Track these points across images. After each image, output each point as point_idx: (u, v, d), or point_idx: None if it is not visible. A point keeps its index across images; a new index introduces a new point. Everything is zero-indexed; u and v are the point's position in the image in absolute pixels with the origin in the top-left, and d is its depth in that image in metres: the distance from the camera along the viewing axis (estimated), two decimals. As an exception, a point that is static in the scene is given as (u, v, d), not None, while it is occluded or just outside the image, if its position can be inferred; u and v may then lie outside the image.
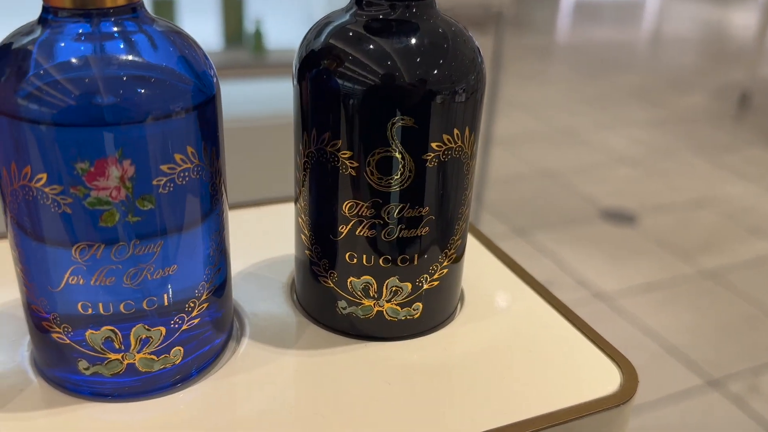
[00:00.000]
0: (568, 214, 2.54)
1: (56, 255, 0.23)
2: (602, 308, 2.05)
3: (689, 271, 2.23)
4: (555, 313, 0.32)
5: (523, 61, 4.08)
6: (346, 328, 0.30)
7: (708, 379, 1.78)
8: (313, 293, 0.31)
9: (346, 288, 0.29)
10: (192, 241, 0.25)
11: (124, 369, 0.25)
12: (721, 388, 1.73)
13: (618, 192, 2.73)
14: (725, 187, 2.84)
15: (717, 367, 1.83)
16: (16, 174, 0.22)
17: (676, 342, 1.91)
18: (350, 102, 0.26)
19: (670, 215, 2.58)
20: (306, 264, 0.30)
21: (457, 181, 0.28)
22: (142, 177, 0.23)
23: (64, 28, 0.23)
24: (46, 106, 0.21)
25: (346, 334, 0.30)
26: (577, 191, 2.69)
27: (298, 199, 0.30)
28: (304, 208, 0.29)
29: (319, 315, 0.31)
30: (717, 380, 1.76)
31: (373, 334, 0.30)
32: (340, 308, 0.30)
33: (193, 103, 0.23)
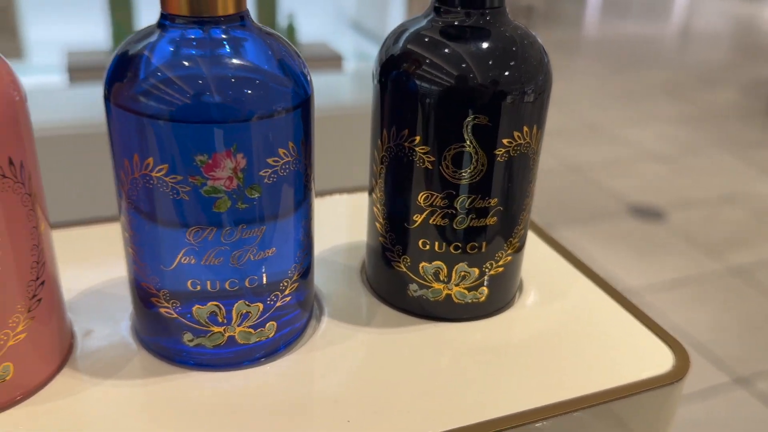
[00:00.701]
0: (595, 209, 2.54)
1: (171, 237, 0.26)
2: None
3: (717, 268, 2.23)
4: (609, 299, 0.34)
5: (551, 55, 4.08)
6: (415, 309, 0.33)
7: (735, 376, 1.78)
8: (385, 277, 0.33)
9: (418, 272, 0.32)
10: (287, 226, 0.28)
11: (224, 341, 0.28)
12: (749, 386, 1.73)
13: (646, 188, 2.72)
14: (754, 184, 2.82)
15: (744, 364, 1.83)
16: (138, 164, 0.25)
17: (703, 339, 1.91)
18: (429, 102, 0.28)
19: (699, 211, 2.57)
20: (379, 250, 0.33)
21: (524, 175, 0.30)
22: (252, 169, 0.25)
23: (178, 33, 0.25)
24: (168, 104, 0.24)
25: (415, 314, 0.33)
26: (605, 187, 2.69)
27: (374, 189, 0.32)
28: (380, 198, 0.32)
29: (390, 297, 0.33)
30: (744, 378, 1.76)
31: (440, 315, 0.32)
32: (411, 291, 0.32)
33: (293, 103, 0.26)
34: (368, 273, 0.35)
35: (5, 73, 0.25)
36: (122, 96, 0.25)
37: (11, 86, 0.25)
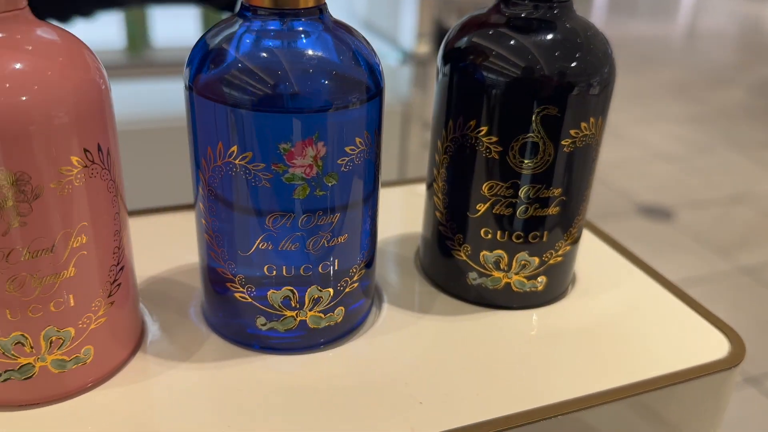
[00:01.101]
0: (604, 209, 2.55)
1: (250, 223, 0.27)
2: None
3: (726, 268, 2.23)
4: (663, 290, 0.35)
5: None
6: (474, 297, 0.33)
7: (745, 375, 1.78)
8: (444, 266, 0.34)
9: (479, 261, 0.32)
10: (358, 214, 0.28)
11: (296, 325, 0.29)
12: (759, 385, 1.73)
13: (655, 187, 2.73)
14: (763, 184, 2.82)
15: (754, 363, 1.83)
16: (221, 153, 0.26)
17: (714, 337, 1.91)
18: (497, 93, 0.29)
19: (708, 211, 2.58)
20: (437, 239, 0.34)
21: (587, 165, 0.31)
22: (331, 157, 0.26)
23: (260, 24, 0.26)
24: (252, 95, 0.25)
25: (474, 302, 0.33)
26: (614, 186, 2.69)
27: (435, 180, 0.33)
28: (442, 188, 0.32)
29: (448, 285, 0.34)
30: (755, 377, 1.76)
31: (499, 303, 0.33)
32: (470, 279, 0.33)
33: (369, 94, 0.27)
34: (424, 262, 0.36)
35: (92, 61, 0.25)
36: (207, 86, 0.26)
37: (98, 74, 0.25)
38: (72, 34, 0.26)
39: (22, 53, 0.23)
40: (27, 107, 0.23)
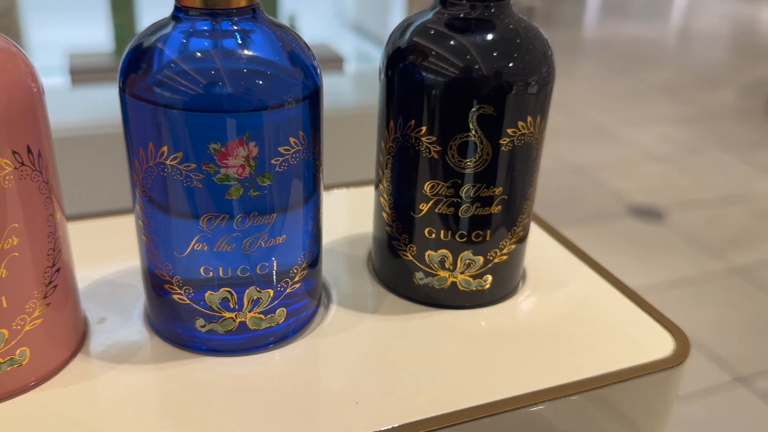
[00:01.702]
0: (596, 210, 2.55)
1: (184, 225, 0.27)
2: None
3: (718, 268, 2.23)
4: (611, 287, 0.35)
5: (550, 57, 4.08)
6: (421, 297, 0.33)
7: (736, 375, 1.78)
8: (391, 266, 0.34)
9: (424, 261, 0.32)
10: (297, 215, 0.28)
11: (236, 327, 0.29)
12: (750, 385, 1.74)
13: (647, 188, 2.73)
14: (755, 184, 2.83)
15: (745, 363, 1.83)
16: (153, 153, 0.26)
17: (704, 338, 1.91)
18: (435, 93, 0.29)
19: (699, 212, 2.58)
20: (385, 239, 0.34)
21: (528, 164, 0.31)
22: (263, 157, 0.26)
23: (191, 25, 0.26)
24: (182, 94, 0.25)
25: (421, 302, 0.33)
26: (606, 187, 2.69)
27: (381, 181, 0.33)
28: (387, 188, 0.32)
29: (396, 285, 0.34)
30: (745, 377, 1.77)
31: (445, 302, 0.33)
32: (417, 279, 0.33)
33: (303, 93, 0.27)
34: (375, 263, 0.36)
35: (24, 65, 0.25)
36: (137, 87, 0.26)
37: (29, 77, 0.25)
38: (4, 37, 0.26)
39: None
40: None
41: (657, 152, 3.08)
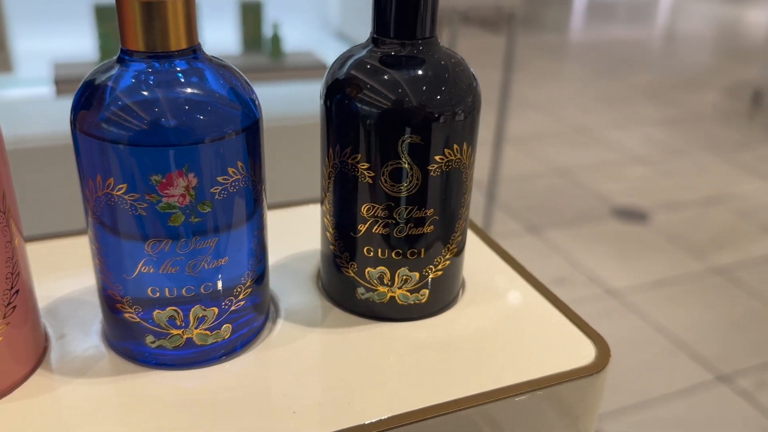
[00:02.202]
0: (580, 211, 2.58)
1: (131, 249, 0.29)
2: (613, 304, 2.09)
3: (700, 268, 2.26)
4: (541, 298, 0.37)
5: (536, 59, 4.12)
6: (364, 311, 0.36)
7: (718, 374, 1.81)
8: (336, 281, 0.36)
9: (365, 277, 0.35)
10: (239, 237, 0.31)
11: (183, 342, 0.31)
12: (731, 383, 1.77)
13: (630, 190, 2.76)
14: (737, 185, 2.86)
15: (726, 362, 1.86)
16: (100, 184, 0.28)
17: (686, 338, 1.95)
18: (368, 122, 0.31)
19: (682, 213, 2.61)
20: (330, 257, 0.36)
21: (457, 187, 0.33)
22: (203, 186, 0.28)
23: (137, 66, 0.28)
24: (126, 130, 0.27)
25: (364, 315, 0.36)
26: (590, 189, 2.72)
27: (324, 201, 0.35)
28: (329, 209, 0.35)
29: (341, 300, 0.36)
30: (726, 375, 1.80)
31: (386, 316, 0.35)
32: (359, 294, 0.35)
33: (242, 126, 0.29)
34: (322, 278, 0.38)
35: None
36: (86, 123, 0.28)
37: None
38: None
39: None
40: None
41: (641, 154, 3.11)
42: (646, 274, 2.23)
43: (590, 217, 2.55)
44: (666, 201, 2.70)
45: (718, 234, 2.51)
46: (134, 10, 0.27)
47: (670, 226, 2.53)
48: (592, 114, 3.49)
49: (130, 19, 0.27)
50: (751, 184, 2.96)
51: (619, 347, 1.88)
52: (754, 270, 2.33)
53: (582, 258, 2.31)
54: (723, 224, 2.56)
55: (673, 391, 1.77)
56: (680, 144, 3.21)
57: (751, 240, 2.52)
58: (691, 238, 2.45)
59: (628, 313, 2.03)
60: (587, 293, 2.14)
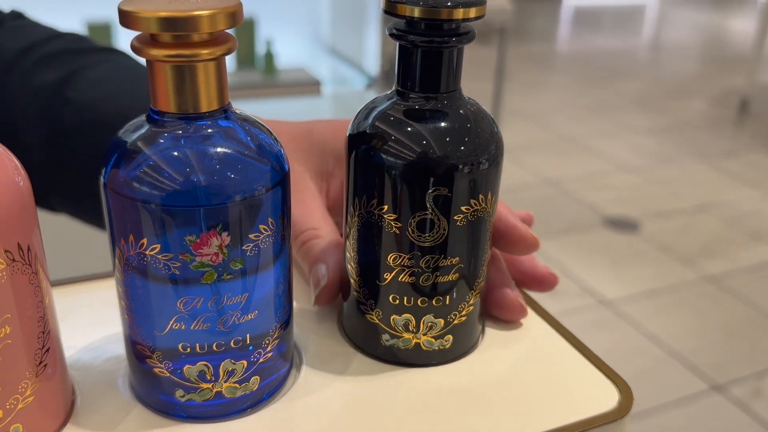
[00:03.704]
0: (571, 222, 2.59)
1: (163, 306, 0.29)
2: (606, 315, 2.09)
3: (692, 277, 2.28)
4: (562, 340, 0.38)
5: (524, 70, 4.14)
6: (388, 357, 0.36)
7: (712, 383, 1.83)
8: (360, 328, 0.36)
9: (389, 323, 0.35)
10: (268, 291, 0.31)
11: (213, 396, 0.31)
12: (725, 392, 1.78)
13: (620, 199, 2.78)
14: (726, 193, 2.88)
15: (720, 371, 1.87)
16: (133, 244, 0.28)
17: (680, 347, 1.96)
18: (394, 174, 0.32)
19: (673, 222, 2.63)
20: (354, 303, 0.36)
21: (481, 235, 0.34)
22: (235, 244, 0.28)
23: (168, 126, 0.28)
24: (160, 191, 0.27)
25: (388, 362, 0.36)
26: (580, 199, 2.74)
27: (347, 249, 0.35)
28: (354, 257, 0.35)
29: (364, 345, 0.37)
30: (721, 385, 1.81)
31: (410, 361, 0.36)
32: (384, 340, 0.36)
33: (272, 182, 0.29)
34: (345, 323, 0.38)
35: (8, 161, 0.28)
36: (118, 183, 0.28)
37: (15, 173, 0.28)
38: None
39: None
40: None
41: (630, 163, 3.13)
42: (638, 283, 2.24)
43: (582, 228, 2.56)
44: (656, 210, 2.72)
45: (709, 242, 2.53)
46: (166, 74, 0.27)
47: (661, 234, 2.55)
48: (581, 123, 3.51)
49: (162, 81, 0.28)
50: (739, 191, 2.99)
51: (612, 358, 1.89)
52: (745, 278, 2.35)
53: (574, 268, 2.32)
54: (713, 232, 2.59)
55: (668, 401, 1.78)
56: (669, 152, 3.23)
57: (741, 248, 2.54)
58: (682, 246, 2.47)
59: (621, 323, 2.04)
60: (580, 304, 2.15)
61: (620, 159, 3.12)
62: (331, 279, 0.37)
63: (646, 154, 3.15)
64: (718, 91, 3.88)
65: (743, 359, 1.93)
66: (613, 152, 3.17)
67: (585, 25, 5.14)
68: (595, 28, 5.09)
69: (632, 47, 4.73)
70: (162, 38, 0.26)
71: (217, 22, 0.26)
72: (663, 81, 4.09)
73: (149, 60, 0.27)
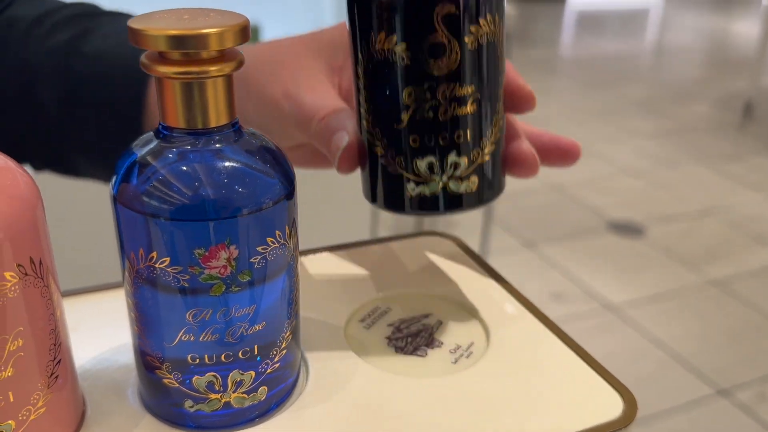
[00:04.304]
0: (576, 226, 2.60)
1: (172, 318, 0.30)
2: (611, 319, 2.09)
3: (696, 281, 2.28)
4: (566, 348, 0.38)
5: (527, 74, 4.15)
6: (417, 208, 0.36)
7: (717, 387, 1.82)
8: (385, 185, 0.36)
9: (413, 169, 0.35)
10: (275, 303, 0.31)
11: (221, 406, 0.32)
12: (730, 397, 1.78)
13: (625, 204, 2.78)
14: (730, 197, 2.88)
15: (725, 375, 1.87)
16: (143, 257, 0.29)
17: (684, 351, 1.96)
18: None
19: (677, 226, 2.63)
20: (375, 161, 0.36)
21: (494, 61, 0.35)
22: (243, 257, 0.29)
23: (177, 141, 0.29)
24: (170, 205, 0.28)
25: (417, 213, 0.36)
26: (585, 204, 2.74)
27: (360, 103, 0.36)
28: (368, 109, 0.35)
29: (393, 204, 0.37)
30: (725, 389, 1.81)
31: (438, 209, 0.36)
32: (410, 191, 0.36)
33: (279, 195, 0.30)
34: (369, 189, 0.38)
35: (22, 176, 0.28)
36: (128, 197, 0.29)
37: (29, 190, 0.28)
38: (12, 161, 0.28)
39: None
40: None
41: (634, 167, 3.13)
42: (642, 288, 2.24)
43: (586, 232, 2.56)
44: (660, 214, 2.72)
45: (713, 246, 2.53)
46: (175, 90, 0.28)
47: (666, 239, 2.55)
48: (584, 128, 3.51)
49: (171, 98, 0.28)
50: (743, 195, 2.99)
51: (617, 362, 1.89)
52: (749, 282, 2.34)
53: (579, 273, 2.32)
54: (717, 236, 2.58)
55: (673, 406, 1.78)
56: (673, 156, 3.23)
57: (745, 251, 2.54)
58: (687, 250, 2.47)
59: (626, 328, 2.04)
60: (585, 308, 2.15)
61: (624, 163, 3.12)
62: (352, 140, 0.37)
63: (650, 158, 3.15)
64: (721, 95, 3.88)
65: (748, 363, 1.93)
66: (617, 156, 3.17)
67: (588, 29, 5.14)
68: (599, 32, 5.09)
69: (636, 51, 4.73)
70: (171, 56, 0.27)
71: (226, 39, 0.27)
72: (667, 85, 4.08)
73: (158, 77, 0.28)
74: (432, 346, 0.38)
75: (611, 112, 3.67)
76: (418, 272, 0.45)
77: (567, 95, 3.98)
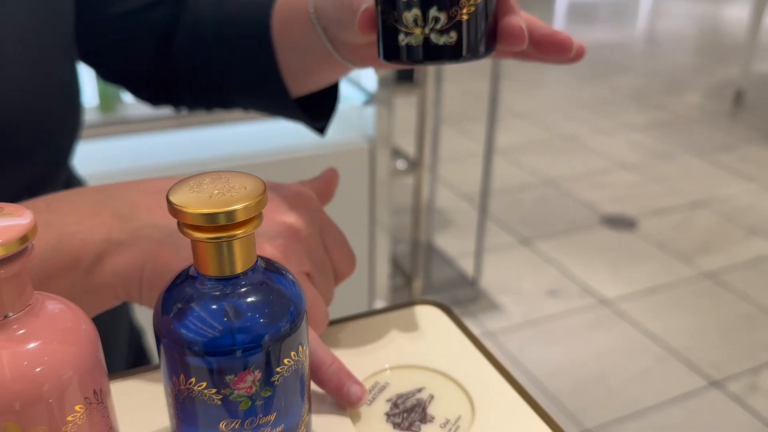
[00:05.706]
0: (570, 221, 2.65)
1: (208, 427, 0.36)
2: (606, 314, 2.16)
3: (690, 274, 2.34)
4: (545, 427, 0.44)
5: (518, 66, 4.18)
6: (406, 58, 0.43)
7: (710, 379, 1.89)
8: (386, 37, 0.43)
9: (402, 21, 0.41)
10: (292, 408, 0.38)
11: (250, 497, 0.38)
12: (722, 388, 1.84)
13: (618, 197, 2.83)
14: (723, 188, 2.92)
15: (718, 367, 1.94)
16: (183, 381, 0.35)
17: (679, 345, 2.02)
18: None
19: (670, 218, 2.68)
20: (381, 19, 0.43)
21: None
22: (266, 378, 0.35)
23: (209, 286, 0.35)
24: (203, 337, 0.34)
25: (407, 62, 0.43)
26: (578, 198, 2.79)
27: None
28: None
29: (390, 53, 0.43)
30: (718, 381, 1.87)
31: (424, 58, 0.42)
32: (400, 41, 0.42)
33: (294, 319, 0.36)
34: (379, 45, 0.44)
35: (83, 318, 0.34)
36: (168, 331, 0.35)
37: (89, 328, 0.34)
38: (59, 298, 0.34)
39: (34, 334, 0.32)
40: (40, 376, 0.31)
41: (627, 160, 3.17)
42: (637, 282, 2.30)
43: (580, 227, 2.62)
44: (653, 207, 2.77)
45: (706, 238, 2.58)
46: (207, 249, 0.34)
47: (659, 232, 2.60)
48: (577, 121, 3.55)
49: (203, 254, 0.34)
50: (735, 185, 3.02)
51: (613, 357, 1.96)
52: (742, 273, 2.40)
53: (574, 268, 2.38)
54: (710, 228, 2.64)
55: (667, 398, 1.84)
56: (665, 148, 3.28)
57: (738, 243, 2.59)
58: (680, 243, 2.53)
59: (621, 322, 2.10)
60: (581, 304, 2.21)
61: (617, 156, 3.17)
62: (370, 6, 0.43)
63: (643, 151, 3.20)
64: (713, 83, 3.92)
65: (740, 354, 1.99)
66: (610, 149, 3.21)
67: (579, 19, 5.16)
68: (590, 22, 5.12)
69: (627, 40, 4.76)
70: (205, 227, 0.33)
71: (250, 211, 0.33)
72: (658, 74, 4.13)
73: (193, 240, 0.34)
74: (425, 422, 0.45)
75: (604, 104, 3.71)
76: (412, 344, 0.51)
77: (560, 87, 4.02)
